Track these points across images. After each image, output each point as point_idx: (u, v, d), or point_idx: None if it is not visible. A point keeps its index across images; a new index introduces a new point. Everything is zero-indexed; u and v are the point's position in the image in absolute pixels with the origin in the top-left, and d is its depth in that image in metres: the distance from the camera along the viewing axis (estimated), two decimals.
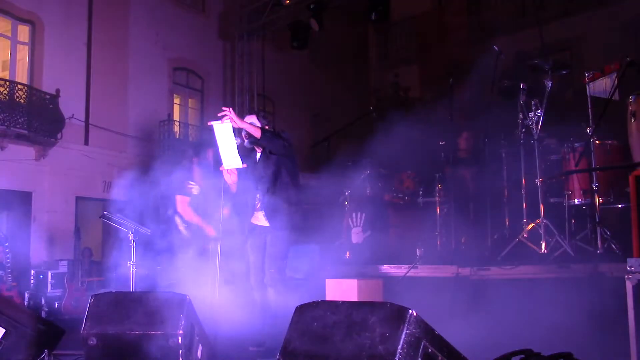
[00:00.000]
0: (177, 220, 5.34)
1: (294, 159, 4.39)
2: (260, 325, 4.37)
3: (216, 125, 3.98)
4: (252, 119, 4.27)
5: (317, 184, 7.46)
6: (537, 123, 5.28)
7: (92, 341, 3.08)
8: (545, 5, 12.19)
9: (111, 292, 3.30)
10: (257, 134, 4.05)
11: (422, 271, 5.58)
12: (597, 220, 4.83)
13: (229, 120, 3.96)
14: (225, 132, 3.98)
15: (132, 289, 4.39)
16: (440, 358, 2.30)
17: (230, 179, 4.21)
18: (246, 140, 4.25)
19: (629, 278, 2.90)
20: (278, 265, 4.24)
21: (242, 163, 4.08)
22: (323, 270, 6.44)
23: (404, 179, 7.23)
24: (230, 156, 4.03)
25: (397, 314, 2.25)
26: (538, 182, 5.25)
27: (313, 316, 2.48)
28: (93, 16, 12.72)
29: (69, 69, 12.20)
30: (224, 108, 4.01)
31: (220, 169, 4.15)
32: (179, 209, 5.35)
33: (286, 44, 13.30)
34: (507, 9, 13.22)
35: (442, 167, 6.80)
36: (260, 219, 4.35)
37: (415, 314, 2.24)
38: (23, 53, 11.97)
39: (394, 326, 2.22)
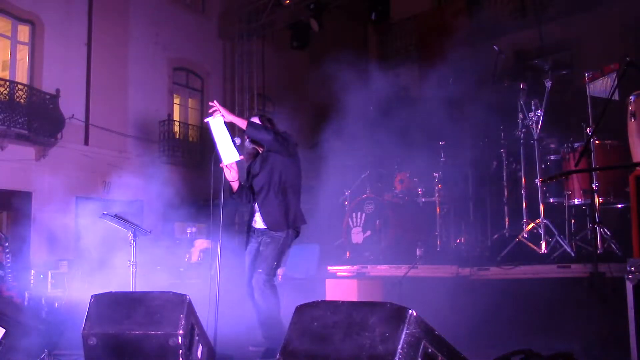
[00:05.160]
0: None
1: (293, 157, 4.25)
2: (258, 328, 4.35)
3: (211, 120, 3.99)
4: (253, 119, 4.24)
5: (317, 183, 7.46)
6: (537, 123, 5.28)
7: (92, 341, 3.08)
8: (545, 5, 12.17)
9: (111, 292, 3.30)
10: (243, 125, 4.00)
11: (422, 271, 5.58)
12: (597, 220, 4.83)
13: (219, 114, 3.95)
14: (218, 126, 3.98)
15: (132, 289, 4.38)
16: (440, 358, 2.30)
17: (231, 175, 4.13)
18: (247, 140, 4.23)
19: (629, 278, 2.89)
20: (266, 267, 4.09)
21: (239, 155, 4.03)
22: (323, 270, 6.46)
23: (404, 179, 7.23)
24: (227, 151, 3.99)
25: (397, 314, 2.25)
26: (538, 182, 5.25)
27: (313, 316, 2.48)
28: (93, 16, 12.72)
29: (69, 69, 12.20)
30: (210, 103, 4.00)
31: (220, 165, 4.09)
32: None
33: (286, 44, 13.31)
34: (507, 9, 13.21)
35: (442, 167, 6.81)
36: (257, 221, 4.28)
37: (415, 314, 2.24)
38: (23, 53, 11.97)
39: (394, 326, 2.22)
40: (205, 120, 4.04)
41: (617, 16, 10.47)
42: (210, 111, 3.98)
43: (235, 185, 4.24)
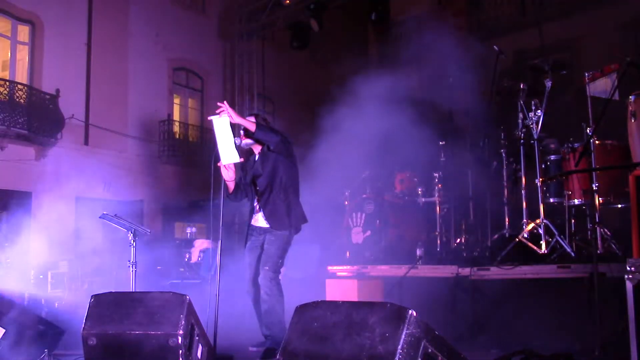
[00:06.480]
0: None
1: (292, 158, 4.34)
2: (258, 326, 4.35)
3: (215, 119, 4.00)
4: (250, 119, 4.26)
5: (317, 183, 7.45)
6: (537, 123, 5.28)
7: (92, 341, 3.08)
8: (545, 5, 12.17)
9: (111, 292, 3.30)
10: (252, 127, 4.04)
11: (422, 271, 5.58)
12: (597, 220, 4.83)
13: (226, 114, 3.96)
14: (223, 126, 3.99)
15: (132, 289, 4.38)
16: (440, 358, 2.30)
17: (228, 175, 4.17)
18: (242, 141, 4.24)
19: (629, 278, 2.89)
20: (272, 264, 4.15)
21: (239, 157, 4.06)
22: (323, 270, 6.45)
23: (404, 179, 7.23)
24: (228, 151, 4.01)
25: (397, 314, 2.25)
26: (538, 182, 5.24)
27: (313, 316, 2.48)
28: (93, 16, 12.72)
29: (69, 69, 12.20)
30: (219, 103, 4.01)
31: (218, 164, 4.11)
32: None
33: (286, 44, 13.31)
34: (507, 9, 13.20)
35: (442, 167, 6.81)
36: (259, 220, 4.32)
37: (415, 314, 2.24)
38: (23, 53, 11.97)
39: (394, 326, 2.22)
40: (210, 118, 4.05)
41: (617, 16, 10.48)
42: (217, 111, 3.99)
43: (231, 186, 4.28)
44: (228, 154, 4.02)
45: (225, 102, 4.04)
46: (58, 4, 12.23)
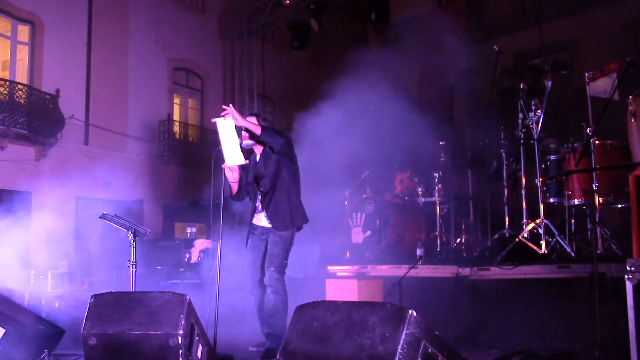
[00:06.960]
0: None
1: (294, 159, 4.38)
2: (259, 325, 4.37)
3: (219, 121, 3.99)
4: (252, 120, 4.27)
5: (317, 183, 7.45)
6: (537, 123, 5.28)
7: (92, 341, 3.08)
8: (545, 5, 12.18)
9: (111, 292, 3.30)
10: (258, 130, 4.05)
11: (422, 271, 5.59)
12: (597, 220, 4.83)
13: (230, 117, 3.96)
14: (227, 128, 3.99)
15: (132, 289, 4.38)
16: (440, 358, 2.30)
17: (232, 176, 4.19)
18: (244, 142, 4.25)
19: (629, 278, 2.89)
20: (277, 265, 4.20)
21: (244, 159, 4.07)
22: (323, 270, 6.45)
23: (404, 179, 7.23)
24: (232, 153, 4.02)
25: (397, 314, 2.25)
26: (538, 182, 5.25)
27: (313, 316, 2.48)
28: (93, 16, 12.72)
29: (69, 69, 12.20)
30: (224, 106, 4.01)
31: (222, 166, 4.13)
32: None
33: (286, 44, 13.31)
34: (507, 9, 13.20)
35: (442, 167, 6.81)
36: (261, 219, 4.34)
37: (415, 314, 2.24)
38: (23, 53, 11.97)
39: (394, 326, 2.22)
40: (213, 120, 4.05)
41: (617, 16, 10.48)
42: (222, 114, 3.99)
43: (235, 187, 4.30)
44: (233, 156, 4.03)
45: (230, 104, 4.04)
46: (58, 4, 12.23)
